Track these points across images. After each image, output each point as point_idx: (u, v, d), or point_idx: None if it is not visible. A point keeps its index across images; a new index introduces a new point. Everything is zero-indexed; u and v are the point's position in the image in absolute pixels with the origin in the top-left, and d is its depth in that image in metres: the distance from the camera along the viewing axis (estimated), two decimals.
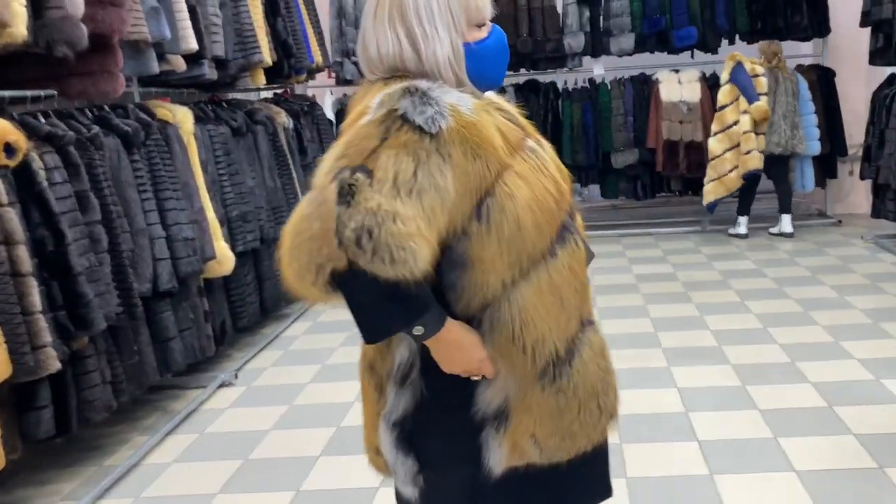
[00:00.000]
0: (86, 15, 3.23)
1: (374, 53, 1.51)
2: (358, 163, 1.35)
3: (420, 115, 1.39)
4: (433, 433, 1.55)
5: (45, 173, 2.97)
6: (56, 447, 3.57)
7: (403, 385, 1.53)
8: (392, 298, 1.35)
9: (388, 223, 1.31)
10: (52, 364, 2.78)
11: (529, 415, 1.50)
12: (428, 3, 1.48)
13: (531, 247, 1.45)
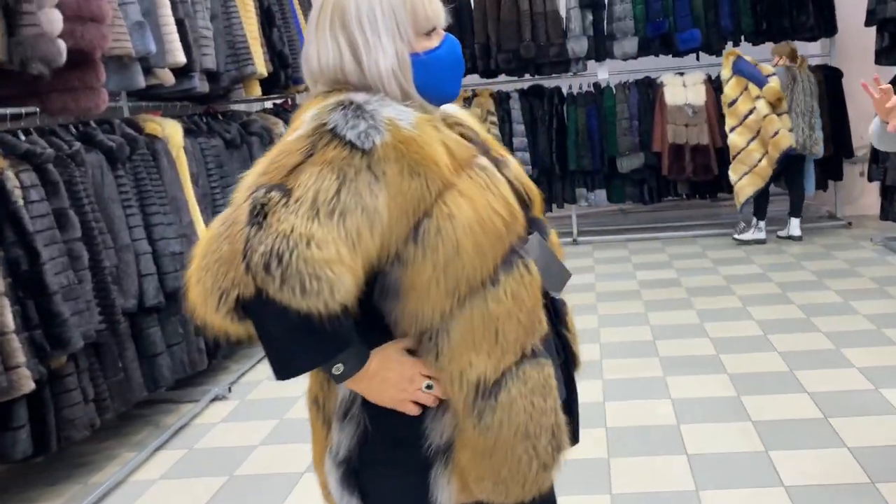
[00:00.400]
0: (65, 31, 3.21)
1: (314, 64, 1.41)
2: (277, 181, 1.25)
3: (352, 129, 1.28)
4: (380, 470, 1.43)
5: (20, 192, 2.97)
6: (42, 464, 3.56)
7: (345, 419, 1.42)
8: (304, 332, 1.24)
9: (301, 248, 1.19)
10: (27, 384, 2.76)
11: (465, 453, 1.39)
12: (371, 11, 1.37)
13: (470, 272, 1.32)
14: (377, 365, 1.35)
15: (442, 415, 1.39)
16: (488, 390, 1.35)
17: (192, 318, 1.29)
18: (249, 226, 1.22)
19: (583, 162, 7.12)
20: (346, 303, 1.25)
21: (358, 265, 1.26)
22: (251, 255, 1.20)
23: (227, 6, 4.74)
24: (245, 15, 4.96)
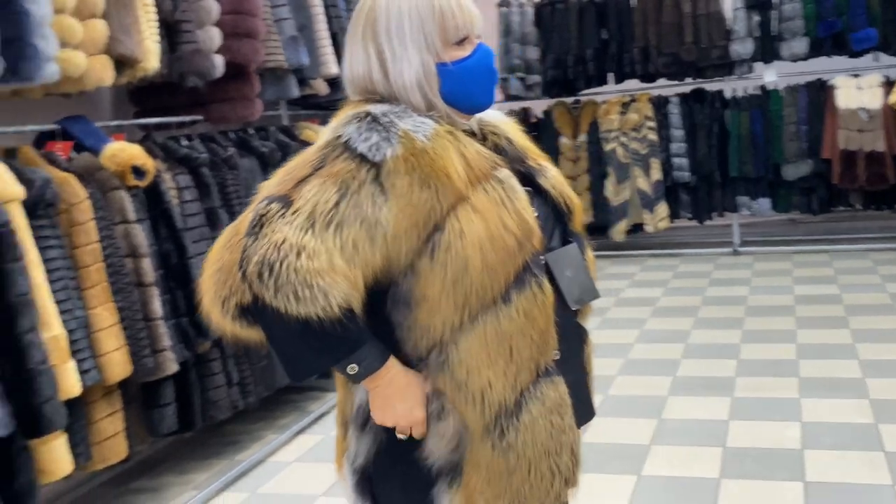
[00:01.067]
0: (222, 47, 3.55)
1: (347, 73, 1.46)
2: (283, 192, 1.30)
3: (364, 142, 1.32)
4: (391, 482, 1.46)
5: (175, 192, 3.30)
6: (197, 441, 3.93)
7: (364, 430, 1.46)
8: (308, 336, 1.27)
9: (292, 258, 1.24)
10: (170, 366, 3.08)
11: (479, 473, 1.38)
12: (399, 22, 1.39)
13: (480, 290, 1.33)
14: (400, 375, 1.37)
15: (445, 435, 1.40)
16: (510, 410, 1.37)
17: (208, 323, 1.38)
18: (247, 236, 1.28)
19: (745, 168, 6.86)
20: (346, 307, 1.28)
21: (356, 274, 1.29)
22: (247, 264, 1.26)
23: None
24: None
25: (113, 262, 2.94)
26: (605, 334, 5.11)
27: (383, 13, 1.40)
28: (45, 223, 2.74)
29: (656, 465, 3.26)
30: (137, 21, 3.08)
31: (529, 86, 7.28)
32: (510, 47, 7.30)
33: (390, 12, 1.39)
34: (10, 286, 2.51)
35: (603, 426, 3.70)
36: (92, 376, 2.78)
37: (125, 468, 3.65)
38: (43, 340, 2.58)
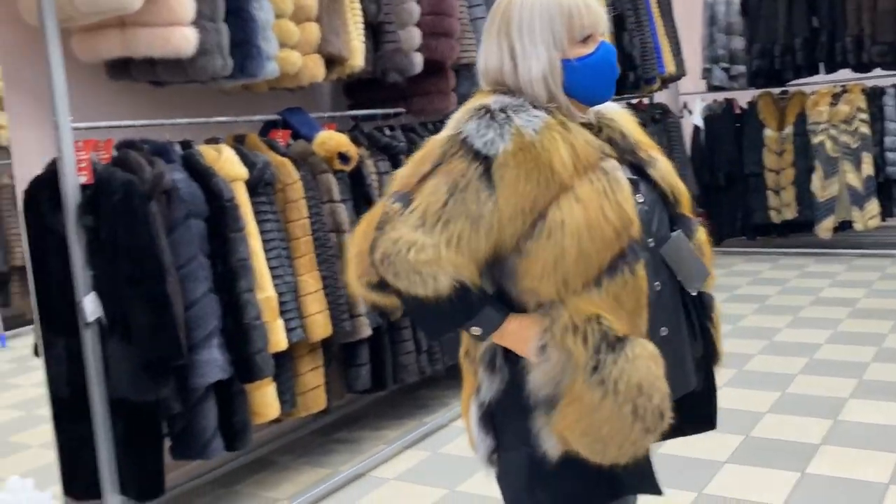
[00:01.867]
0: (422, 45, 3.89)
1: (482, 65, 1.62)
2: (407, 190, 1.52)
3: (480, 138, 1.48)
4: (509, 416, 1.61)
5: (376, 176, 3.68)
6: (393, 402, 4.33)
7: (493, 370, 1.62)
8: (429, 308, 1.50)
9: (404, 252, 1.46)
10: (365, 330, 3.46)
11: (572, 407, 1.51)
12: (531, 20, 1.53)
13: (574, 274, 1.48)
14: (515, 325, 1.55)
15: (541, 371, 1.53)
16: (614, 343, 1.49)
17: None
18: (376, 230, 1.51)
19: None
20: (458, 285, 1.48)
21: (464, 259, 1.48)
22: (374, 254, 1.50)
23: None
24: None
25: (319, 236, 3.35)
26: (793, 333, 5.02)
27: (516, 13, 1.56)
28: (264, 200, 3.19)
29: (823, 465, 3.24)
30: (346, 23, 3.48)
31: (734, 76, 7.15)
32: (715, 37, 7.21)
33: (523, 12, 1.56)
34: (232, 252, 2.97)
35: (773, 422, 3.71)
36: (297, 334, 3.20)
37: (329, 421, 4.10)
38: (258, 300, 3.03)
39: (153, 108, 3.39)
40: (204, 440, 2.95)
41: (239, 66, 3.07)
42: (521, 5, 1.57)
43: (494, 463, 1.67)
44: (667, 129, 6.38)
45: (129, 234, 2.71)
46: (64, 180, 2.72)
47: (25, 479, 2.71)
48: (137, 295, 2.72)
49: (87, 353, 2.77)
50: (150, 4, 2.81)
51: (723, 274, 6.84)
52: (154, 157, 2.92)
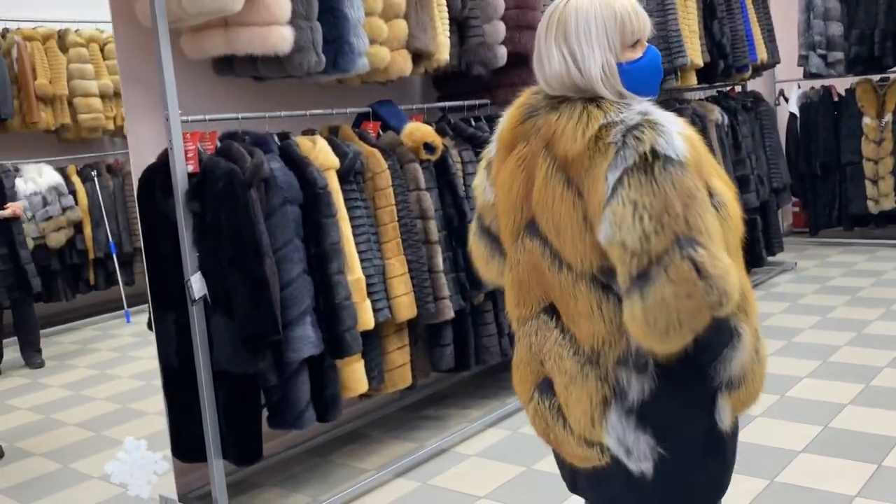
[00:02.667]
0: (506, 38, 4.02)
1: (546, 69, 1.66)
2: (686, 233, 1.46)
3: (676, 150, 1.49)
4: (668, 408, 1.64)
5: (460, 166, 3.83)
6: (480, 383, 4.50)
7: (644, 372, 1.61)
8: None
9: (732, 275, 1.48)
10: (448, 312, 3.62)
11: (760, 378, 1.70)
12: (587, 25, 1.62)
13: (734, 249, 1.60)
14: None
15: (735, 354, 1.63)
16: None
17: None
18: (701, 279, 1.45)
19: None
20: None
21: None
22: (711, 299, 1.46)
23: (664, 4, 5.18)
24: (684, 10, 5.34)
25: (406, 222, 3.54)
26: (883, 326, 4.98)
27: (573, 18, 1.65)
28: (354, 187, 3.39)
29: None
30: (433, 19, 3.64)
31: (831, 63, 7.00)
32: (812, 23, 7.07)
33: (579, 18, 1.64)
34: (325, 236, 3.18)
35: (854, 414, 3.72)
36: (384, 314, 3.39)
37: (417, 398, 4.30)
38: (348, 281, 3.23)
39: (255, 102, 3.63)
40: (298, 411, 3.18)
41: (331, 61, 3.27)
42: (577, 11, 1.65)
43: (656, 456, 1.65)
44: (759, 118, 6.31)
45: (231, 219, 2.95)
46: (174, 169, 2.97)
47: (139, 441, 2.97)
48: (238, 275, 2.95)
49: (193, 328, 3.02)
50: (250, 5, 3.03)
51: (816, 265, 6.74)
52: (254, 147, 3.14)
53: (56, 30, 7.48)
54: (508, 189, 1.75)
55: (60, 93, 7.38)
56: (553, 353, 1.69)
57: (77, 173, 7.46)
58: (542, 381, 1.75)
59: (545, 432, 1.78)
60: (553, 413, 1.73)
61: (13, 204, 5.79)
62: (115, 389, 5.28)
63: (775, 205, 6.36)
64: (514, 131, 1.76)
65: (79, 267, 7.45)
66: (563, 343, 1.68)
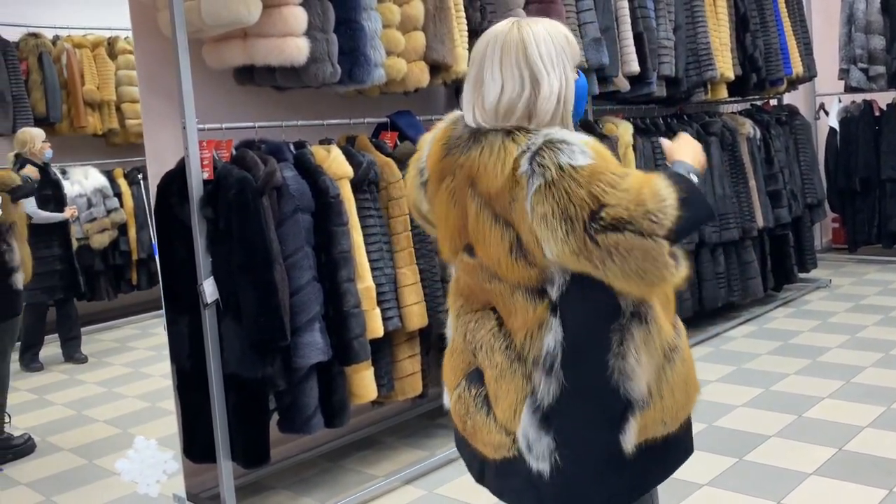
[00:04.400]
0: None
1: (496, 97, 1.71)
2: (593, 208, 1.59)
3: (579, 160, 1.63)
4: (572, 417, 1.71)
5: None
6: None
7: (550, 374, 1.70)
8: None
9: (641, 188, 1.63)
10: None
11: (670, 396, 1.76)
12: (548, 47, 1.71)
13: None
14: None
15: (638, 380, 1.71)
16: (673, 336, 1.82)
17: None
18: (629, 230, 1.59)
19: None
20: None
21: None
22: (656, 217, 1.61)
23: (693, 16, 5.14)
24: (715, 22, 5.30)
25: (419, 232, 3.57)
26: None
27: (533, 43, 1.70)
28: (368, 197, 3.44)
29: None
30: (451, 31, 3.67)
31: (872, 77, 6.87)
32: (853, 36, 6.94)
33: (539, 43, 1.71)
34: (335, 244, 3.23)
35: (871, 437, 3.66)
36: (394, 323, 3.43)
37: (432, 407, 4.32)
38: (357, 289, 3.28)
39: (275, 111, 3.71)
40: (306, 416, 3.23)
41: (347, 72, 3.32)
42: (537, 38, 1.71)
43: (554, 461, 1.73)
44: (793, 132, 6.22)
45: (242, 226, 3.02)
46: (189, 176, 3.06)
47: (150, 440, 3.06)
48: (248, 281, 3.02)
49: (205, 332, 3.10)
50: (267, 17, 3.10)
51: (852, 283, 6.61)
52: (268, 156, 3.21)
53: (106, 37, 7.70)
54: (445, 218, 1.81)
55: (108, 98, 7.57)
56: (486, 344, 1.79)
57: (124, 176, 7.65)
58: (473, 371, 1.84)
59: (462, 419, 1.86)
60: (478, 401, 1.81)
61: (72, 207, 5.97)
62: (147, 388, 5.39)
63: (809, 220, 6.26)
64: (440, 164, 1.80)
65: (122, 267, 7.64)
66: (497, 336, 1.77)
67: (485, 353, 1.79)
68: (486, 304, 1.81)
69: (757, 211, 5.57)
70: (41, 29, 7.36)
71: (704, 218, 1.76)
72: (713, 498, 3.18)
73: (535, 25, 1.73)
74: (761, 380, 4.48)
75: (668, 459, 1.86)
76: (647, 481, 1.83)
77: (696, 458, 3.50)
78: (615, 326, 1.71)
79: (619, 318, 1.71)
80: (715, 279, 5.28)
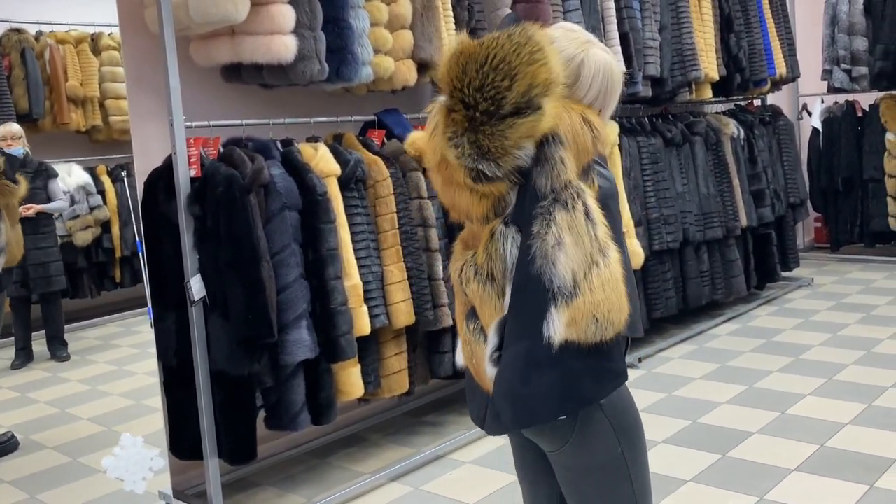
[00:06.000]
0: None
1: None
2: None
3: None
4: (512, 316, 1.70)
5: None
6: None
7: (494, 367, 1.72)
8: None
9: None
10: (447, 320, 3.66)
11: (600, 290, 1.59)
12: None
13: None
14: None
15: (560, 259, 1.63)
16: (610, 237, 1.70)
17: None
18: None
19: None
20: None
21: None
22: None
23: (679, 17, 5.18)
24: (700, 23, 5.34)
25: (406, 230, 3.58)
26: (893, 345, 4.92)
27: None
28: (355, 195, 3.45)
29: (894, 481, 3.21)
30: (438, 30, 3.69)
31: (855, 78, 6.94)
32: (836, 38, 7.02)
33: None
34: (322, 242, 3.24)
35: (852, 434, 3.70)
36: (381, 320, 3.44)
37: (419, 404, 4.35)
38: (344, 287, 3.28)
39: (263, 109, 3.71)
40: (293, 413, 3.24)
41: (335, 70, 3.33)
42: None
43: (495, 362, 1.72)
44: (777, 132, 6.27)
45: (230, 223, 3.02)
46: (177, 173, 3.05)
47: (136, 437, 3.05)
48: (235, 278, 3.03)
49: (192, 329, 3.10)
50: (255, 15, 3.11)
51: (834, 281, 6.67)
52: (256, 153, 3.22)
53: (89, 33, 7.66)
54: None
55: (91, 95, 7.56)
56: (465, 277, 1.78)
57: (107, 173, 7.63)
58: (470, 309, 1.82)
59: (470, 361, 1.83)
60: (476, 334, 1.80)
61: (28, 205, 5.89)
62: (131, 386, 5.39)
63: (792, 220, 6.32)
64: None
65: (105, 265, 7.62)
66: (469, 263, 1.77)
67: (468, 286, 1.78)
68: (474, 247, 1.80)
69: (740, 210, 5.62)
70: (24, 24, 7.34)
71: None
72: (697, 493, 3.21)
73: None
74: (744, 377, 4.52)
75: (601, 377, 1.70)
76: (584, 391, 1.69)
77: (679, 454, 3.58)
78: (536, 210, 1.64)
79: (540, 201, 1.64)
80: (699, 277, 5.32)
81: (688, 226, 5.18)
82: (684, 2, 5.23)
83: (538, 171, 1.65)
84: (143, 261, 3.25)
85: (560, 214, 1.62)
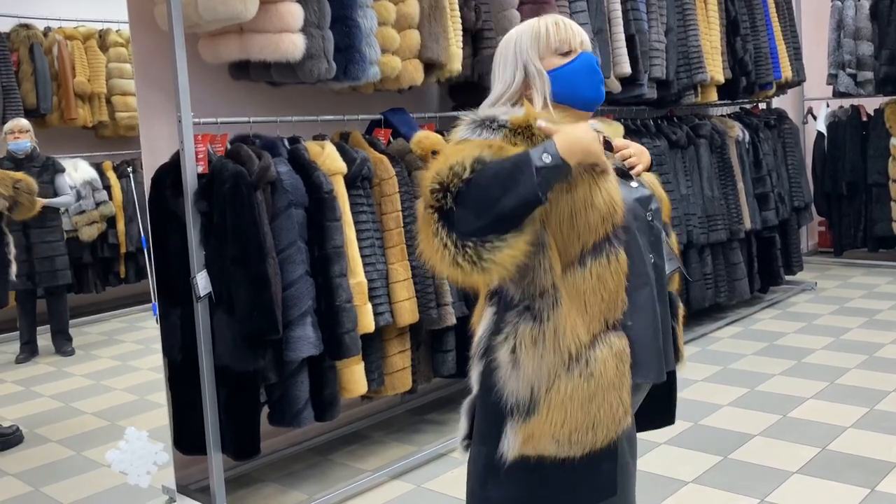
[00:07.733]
0: None
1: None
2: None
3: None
4: (478, 415, 1.75)
5: None
6: None
7: (480, 359, 1.75)
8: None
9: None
10: (450, 319, 3.68)
11: (560, 409, 1.61)
12: (505, 49, 1.86)
13: (563, 249, 1.64)
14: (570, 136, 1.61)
15: (517, 378, 1.63)
16: (587, 346, 1.63)
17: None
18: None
19: None
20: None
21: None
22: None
23: (685, 19, 5.19)
24: (706, 26, 5.35)
25: (411, 228, 3.59)
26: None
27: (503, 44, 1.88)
28: (361, 193, 3.46)
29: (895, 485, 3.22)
30: (445, 30, 3.70)
31: (860, 82, 6.94)
32: (842, 42, 7.03)
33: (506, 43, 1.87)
34: (327, 239, 3.25)
35: (854, 437, 3.71)
36: (385, 318, 3.46)
37: (422, 402, 4.37)
38: (349, 284, 3.30)
39: (270, 106, 3.73)
40: (296, 409, 3.26)
41: (342, 69, 3.35)
42: (505, 40, 1.87)
43: (462, 450, 1.83)
44: (782, 136, 6.28)
45: (236, 220, 3.04)
46: (184, 169, 3.07)
47: (141, 431, 3.07)
48: (240, 274, 3.04)
49: (198, 324, 3.12)
50: (264, 13, 3.13)
51: (837, 286, 6.68)
52: (263, 150, 3.23)
53: (97, 29, 7.68)
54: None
55: (99, 91, 7.57)
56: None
57: (113, 169, 7.65)
58: None
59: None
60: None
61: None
62: (135, 381, 5.41)
63: (796, 223, 6.32)
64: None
65: (110, 260, 7.64)
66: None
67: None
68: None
69: (745, 213, 5.63)
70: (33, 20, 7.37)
71: (487, 204, 1.52)
72: (698, 495, 3.22)
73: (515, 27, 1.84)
74: (747, 380, 4.53)
75: (574, 492, 1.69)
76: (536, 498, 1.70)
77: (681, 456, 3.59)
78: (506, 317, 1.66)
79: (510, 309, 1.66)
80: (702, 280, 5.33)
81: (692, 228, 5.19)
82: (690, 4, 5.24)
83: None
84: (148, 257, 3.27)
85: (524, 326, 1.64)
